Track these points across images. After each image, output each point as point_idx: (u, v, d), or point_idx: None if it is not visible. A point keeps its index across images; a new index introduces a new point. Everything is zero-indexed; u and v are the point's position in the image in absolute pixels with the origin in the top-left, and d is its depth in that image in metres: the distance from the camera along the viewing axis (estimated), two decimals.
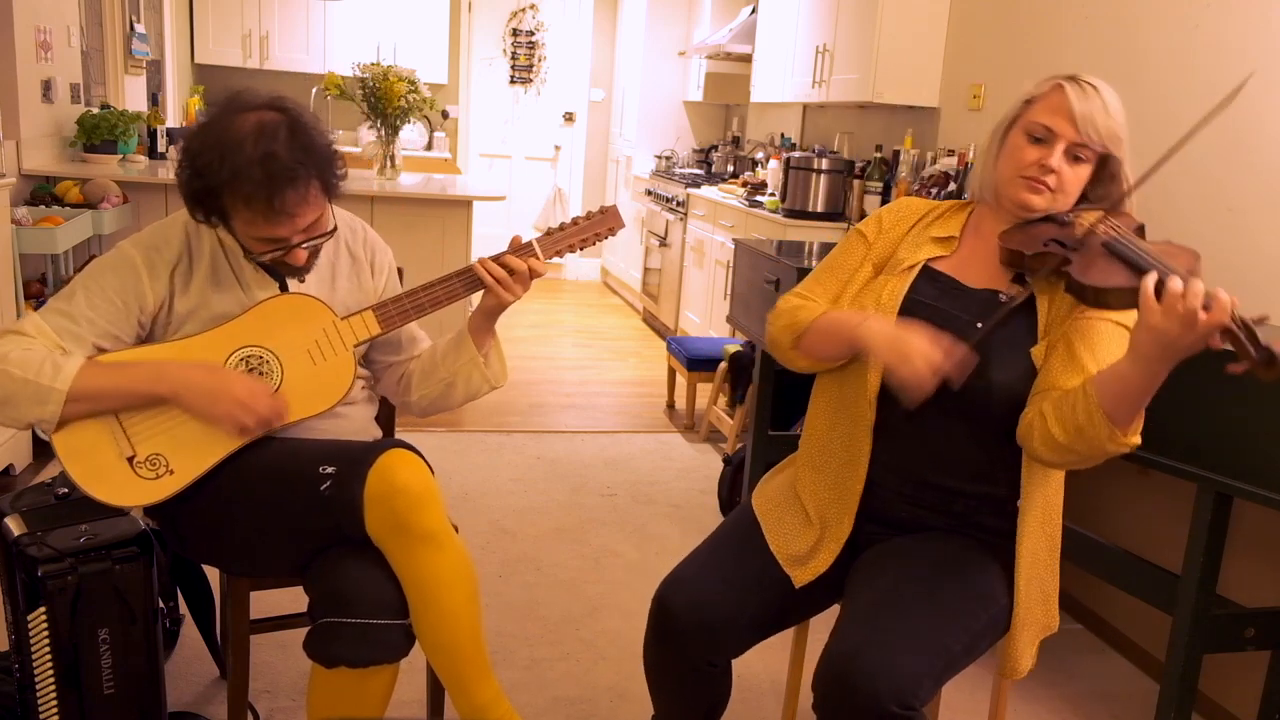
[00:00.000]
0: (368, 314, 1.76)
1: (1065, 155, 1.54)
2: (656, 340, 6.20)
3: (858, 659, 1.40)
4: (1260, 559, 2.33)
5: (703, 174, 6.42)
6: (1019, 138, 1.57)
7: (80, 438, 1.65)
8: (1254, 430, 1.81)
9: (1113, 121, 1.54)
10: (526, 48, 8.03)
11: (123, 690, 1.75)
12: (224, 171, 1.59)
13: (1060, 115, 1.53)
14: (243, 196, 1.60)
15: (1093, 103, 1.53)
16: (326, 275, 1.85)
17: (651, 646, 1.69)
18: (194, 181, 1.64)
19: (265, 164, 1.58)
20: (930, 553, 1.58)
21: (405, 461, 1.65)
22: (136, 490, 1.66)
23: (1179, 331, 1.29)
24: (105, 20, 5.07)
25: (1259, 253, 2.37)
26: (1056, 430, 1.45)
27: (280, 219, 1.63)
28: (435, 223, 4.33)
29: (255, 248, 1.68)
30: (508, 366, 1.96)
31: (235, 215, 1.64)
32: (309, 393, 1.73)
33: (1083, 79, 1.56)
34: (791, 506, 1.72)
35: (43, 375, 1.58)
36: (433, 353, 1.93)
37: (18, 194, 3.73)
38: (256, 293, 1.76)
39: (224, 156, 1.59)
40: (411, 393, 1.94)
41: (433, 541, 1.65)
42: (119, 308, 1.68)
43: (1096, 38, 2.99)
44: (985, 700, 2.39)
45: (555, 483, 3.64)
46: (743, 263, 3.28)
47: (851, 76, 4.28)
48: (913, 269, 1.63)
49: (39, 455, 3.42)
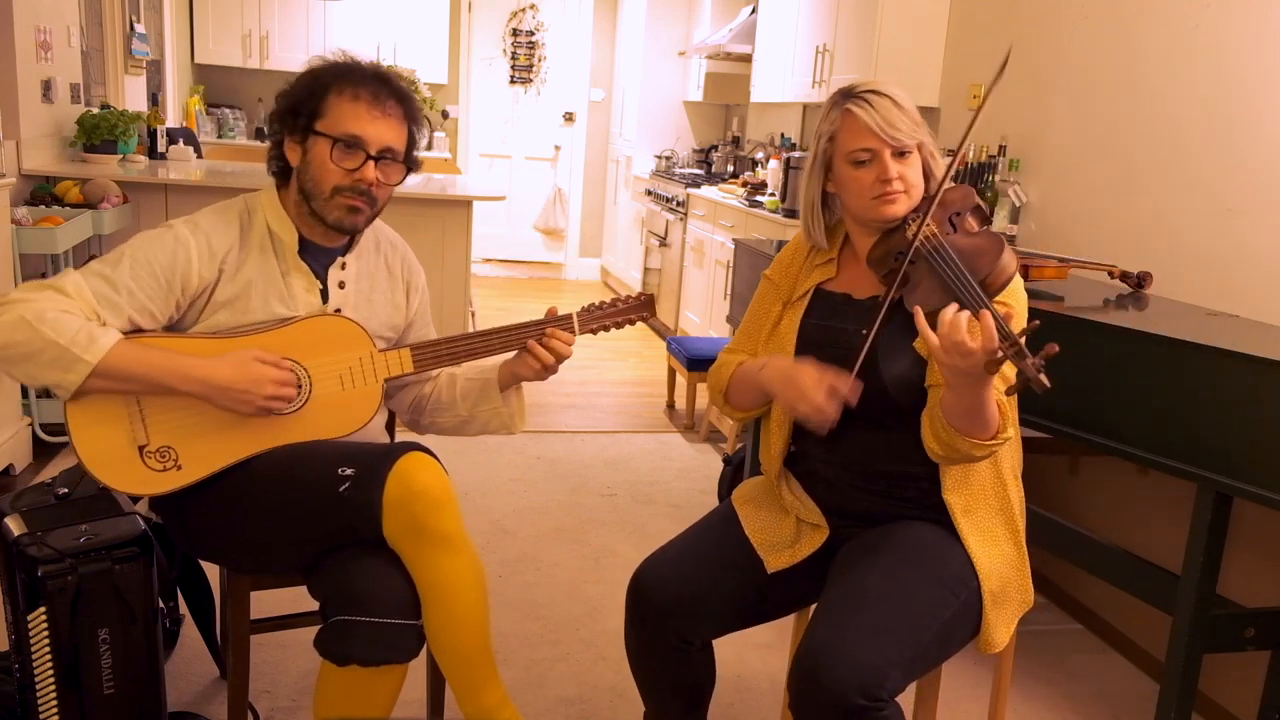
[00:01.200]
0: (405, 353, 1.78)
1: (893, 156, 1.60)
2: (656, 340, 6.20)
3: (822, 655, 1.43)
4: (1260, 559, 2.33)
5: (703, 174, 6.42)
6: (846, 169, 1.62)
7: (96, 413, 1.64)
8: (1254, 430, 1.81)
9: (906, 112, 1.60)
10: (526, 48, 8.03)
11: (123, 690, 1.75)
12: (339, 68, 1.72)
13: (864, 134, 1.59)
14: (350, 86, 1.70)
15: (882, 108, 1.58)
16: (365, 288, 1.86)
17: (629, 630, 1.74)
18: (298, 89, 1.73)
19: (378, 71, 1.75)
20: (898, 544, 1.60)
21: (424, 465, 1.66)
22: (140, 479, 1.66)
23: (958, 361, 1.37)
24: (105, 20, 5.07)
25: (1258, 253, 2.37)
26: (931, 444, 1.56)
27: (376, 113, 1.70)
28: (435, 223, 4.33)
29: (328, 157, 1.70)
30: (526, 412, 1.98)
31: (331, 110, 1.70)
32: (331, 416, 1.74)
33: (860, 90, 1.61)
34: (769, 498, 1.78)
35: (75, 343, 1.55)
36: (452, 386, 1.94)
37: (18, 194, 3.73)
38: (299, 294, 1.76)
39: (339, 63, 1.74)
40: (424, 417, 1.96)
41: (449, 544, 1.66)
42: (162, 285, 1.67)
43: (1096, 38, 2.99)
44: (985, 700, 2.39)
45: (555, 483, 3.64)
46: (743, 263, 3.28)
47: (851, 76, 4.27)
48: (805, 296, 1.74)
49: (39, 455, 3.42)
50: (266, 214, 1.77)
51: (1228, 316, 2.32)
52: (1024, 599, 1.68)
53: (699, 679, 1.77)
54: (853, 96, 1.61)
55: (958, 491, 1.63)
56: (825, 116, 1.65)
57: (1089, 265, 2.56)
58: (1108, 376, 2.06)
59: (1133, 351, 2.01)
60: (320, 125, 1.70)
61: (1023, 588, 1.67)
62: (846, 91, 1.63)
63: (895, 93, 1.61)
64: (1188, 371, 1.92)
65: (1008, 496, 1.65)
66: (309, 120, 1.71)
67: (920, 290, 1.52)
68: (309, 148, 1.72)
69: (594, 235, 8.27)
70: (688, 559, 1.72)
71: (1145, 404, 1.99)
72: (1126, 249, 2.81)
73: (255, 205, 1.79)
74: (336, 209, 1.73)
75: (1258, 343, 1.99)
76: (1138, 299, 2.49)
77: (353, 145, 1.70)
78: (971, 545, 1.61)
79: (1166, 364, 1.95)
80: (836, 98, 1.64)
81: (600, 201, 8.22)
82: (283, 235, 1.77)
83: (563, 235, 8.34)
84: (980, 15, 3.75)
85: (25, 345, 1.54)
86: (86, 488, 1.87)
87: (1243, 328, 2.19)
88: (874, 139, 1.58)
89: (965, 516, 1.62)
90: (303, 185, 1.73)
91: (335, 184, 1.71)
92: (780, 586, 1.71)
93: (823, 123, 1.65)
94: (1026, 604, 1.68)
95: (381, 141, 1.72)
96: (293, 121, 1.72)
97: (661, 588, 1.68)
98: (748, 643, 2.56)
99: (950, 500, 1.62)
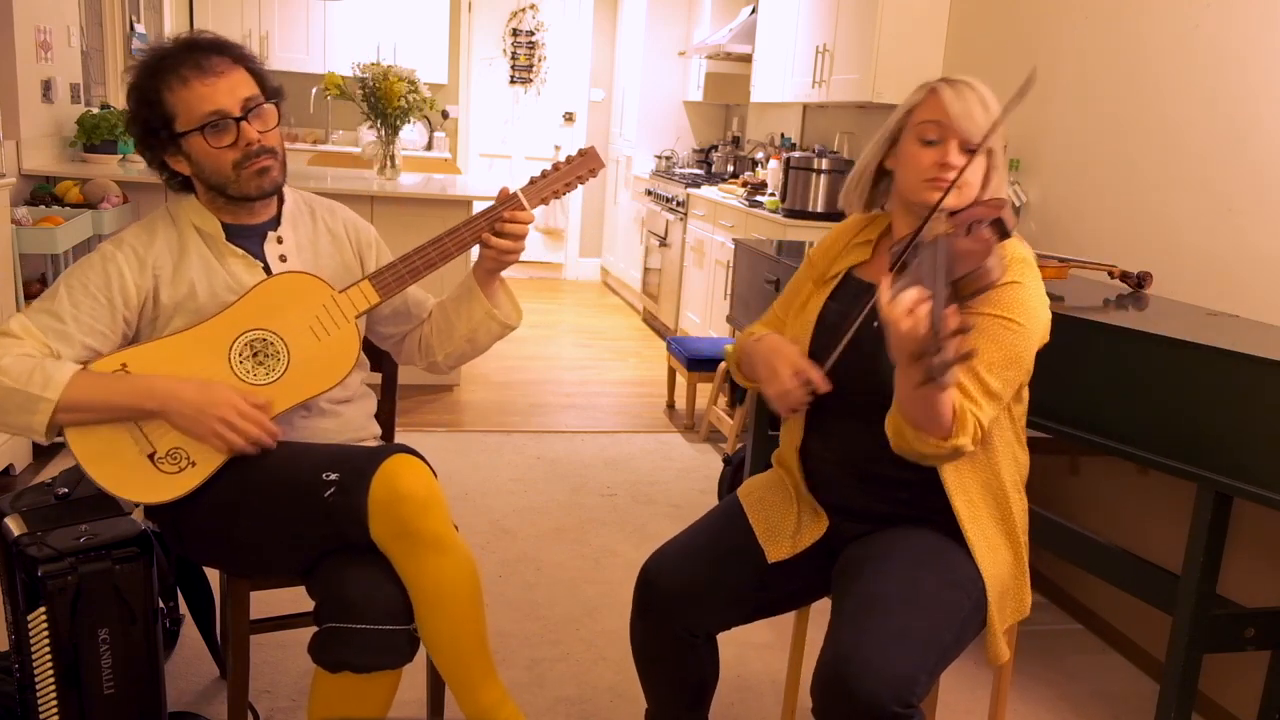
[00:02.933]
0: (365, 284, 1.77)
1: (960, 151, 1.57)
2: (656, 340, 6.20)
3: (852, 662, 1.41)
4: (1260, 559, 2.33)
5: (703, 174, 6.42)
6: (912, 145, 1.61)
7: (99, 441, 1.65)
8: (1254, 430, 1.81)
9: (990, 115, 1.57)
10: (526, 48, 8.03)
11: (123, 690, 1.75)
12: (151, 66, 1.69)
13: (940, 113, 1.57)
14: (172, 73, 1.67)
15: (969, 101, 1.56)
16: (307, 255, 1.86)
17: (635, 623, 1.75)
18: (137, 110, 1.71)
19: (187, 44, 1.70)
20: (905, 550, 1.60)
21: (409, 467, 1.66)
22: (162, 485, 1.67)
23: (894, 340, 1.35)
24: (105, 20, 5.07)
25: (1258, 253, 2.37)
26: (888, 428, 1.52)
27: (210, 79, 1.67)
28: (435, 223, 4.33)
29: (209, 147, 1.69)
30: (520, 307, 1.96)
31: (176, 105, 1.68)
32: (317, 370, 1.74)
33: (956, 78, 1.59)
34: (774, 491, 1.79)
35: (32, 384, 1.58)
36: (444, 311, 1.93)
37: (18, 194, 3.73)
38: (243, 278, 1.77)
39: (148, 62, 1.70)
40: (435, 353, 1.95)
41: (437, 546, 1.65)
42: (102, 304, 1.68)
43: (1096, 38, 2.99)
44: (985, 700, 2.39)
45: (555, 483, 3.64)
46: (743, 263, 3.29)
47: (851, 76, 4.28)
48: (833, 279, 1.73)
49: (39, 455, 3.42)
50: (189, 215, 1.79)
51: (1228, 316, 2.32)
52: (1019, 608, 1.68)
53: (703, 674, 1.77)
54: (946, 80, 1.59)
55: (959, 498, 1.62)
56: (914, 92, 1.63)
57: (1089, 265, 2.56)
58: (1108, 376, 2.06)
59: (1133, 351, 2.01)
60: (179, 126, 1.70)
61: (1019, 597, 1.67)
62: (943, 78, 1.61)
63: (986, 94, 1.59)
64: (1188, 371, 1.92)
65: (1009, 507, 1.64)
66: (167, 129, 1.71)
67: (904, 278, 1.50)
68: (188, 151, 1.72)
69: (594, 235, 8.27)
70: (694, 551, 1.73)
71: (1145, 404, 1.99)
72: (1126, 249, 2.81)
73: (177, 211, 1.80)
74: (249, 181, 1.73)
75: (1258, 343, 1.99)
76: (1138, 299, 2.49)
77: (217, 123, 1.69)
78: (976, 548, 1.61)
79: (1166, 364, 1.95)
80: (929, 82, 1.62)
81: (600, 201, 8.22)
82: (206, 228, 1.78)
83: (563, 235, 8.34)
84: (980, 15, 3.75)
85: None
86: (86, 488, 1.86)
87: (1243, 328, 2.19)
88: (948, 120, 1.56)
89: (971, 524, 1.62)
90: (209, 182, 1.75)
91: (231, 161, 1.71)
92: (781, 578, 1.72)
93: (907, 100, 1.64)
94: (1022, 613, 1.68)
95: (236, 99, 1.70)
96: (155, 140, 1.73)
97: (669, 578, 1.69)
98: (748, 643, 2.56)
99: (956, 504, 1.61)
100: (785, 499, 1.77)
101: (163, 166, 1.77)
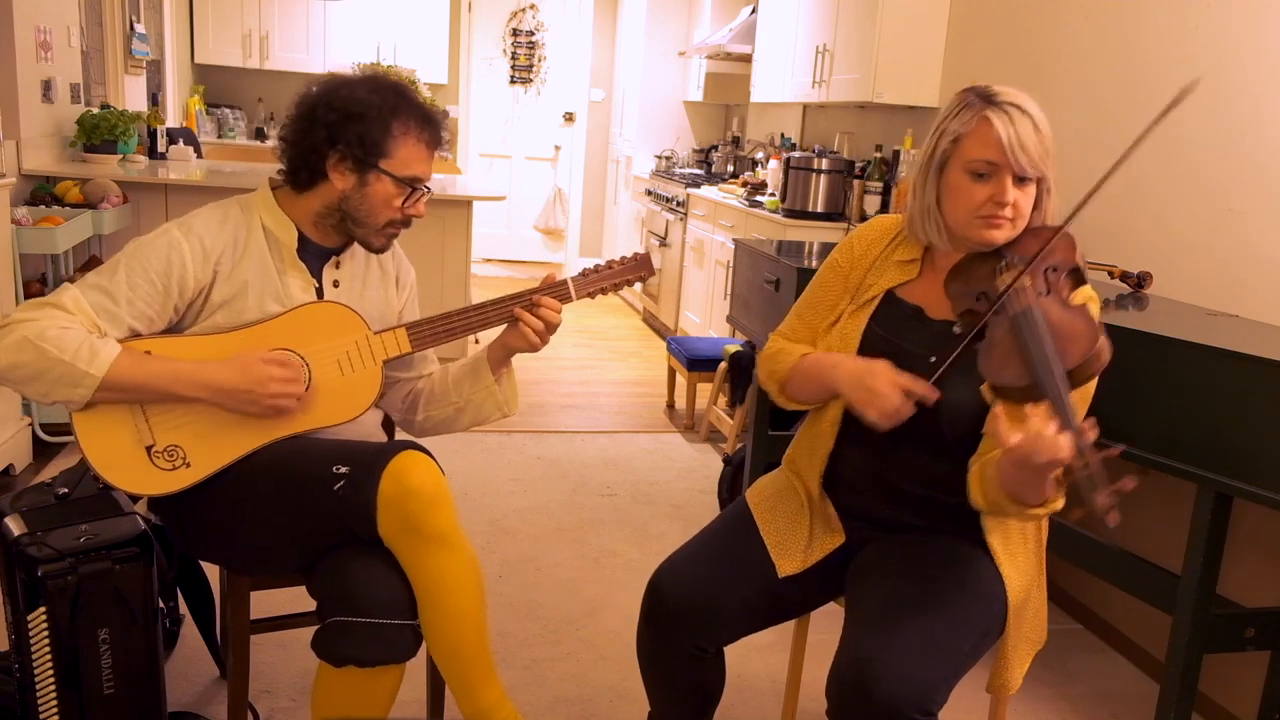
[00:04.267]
0: (400, 331, 1.78)
1: (1014, 184, 1.50)
2: (656, 340, 6.20)
3: (873, 666, 1.39)
4: (1260, 559, 2.33)
5: (703, 174, 6.42)
6: (960, 178, 1.52)
7: (101, 419, 1.65)
8: (1254, 430, 1.81)
9: (1044, 138, 1.50)
10: (526, 48, 8.03)
11: (123, 690, 1.75)
12: (395, 102, 1.72)
13: (995, 147, 1.48)
14: (415, 127, 1.74)
15: (1022, 127, 1.48)
16: (357, 286, 1.86)
17: (644, 632, 1.71)
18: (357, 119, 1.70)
19: (426, 112, 1.78)
20: (930, 554, 1.59)
21: (418, 463, 1.66)
22: (151, 479, 1.67)
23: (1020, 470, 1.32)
24: (105, 20, 5.07)
25: (1258, 253, 2.37)
26: (976, 496, 1.51)
27: (431, 154, 1.79)
28: (435, 223, 4.33)
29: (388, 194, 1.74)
30: (518, 393, 1.97)
31: (398, 150, 1.73)
32: (333, 402, 1.74)
33: (1002, 100, 1.50)
34: (785, 499, 1.75)
35: (79, 358, 1.57)
36: (444, 376, 1.94)
37: (18, 194, 3.73)
38: (295, 293, 1.76)
39: (381, 93, 1.72)
40: (418, 412, 1.95)
41: (444, 543, 1.66)
42: (159, 290, 1.67)
43: (1096, 38, 2.99)
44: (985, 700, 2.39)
45: (555, 483, 3.64)
46: (743, 263, 3.28)
47: (851, 76, 4.28)
48: (874, 300, 1.65)
49: (39, 455, 3.41)
50: (262, 214, 1.77)
51: (1228, 316, 2.32)
52: (1037, 636, 1.66)
53: (710, 686, 1.75)
54: (995, 104, 1.49)
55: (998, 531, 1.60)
56: (955, 115, 1.52)
57: (1089, 265, 2.56)
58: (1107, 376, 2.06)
59: (1133, 351, 2.01)
60: (386, 165, 1.72)
61: (1037, 624, 1.66)
62: (987, 96, 1.50)
63: (1036, 113, 1.50)
64: (1188, 371, 1.91)
65: (1040, 531, 1.65)
66: (373, 156, 1.71)
67: (997, 353, 1.40)
68: (368, 182, 1.73)
69: (594, 235, 8.27)
70: (705, 563, 1.68)
71: (1145, 404, 1.99)
72: (1126, 249, 2.81)
73: (250, 205, 1.78)
74: (384, 237, 1.79)
75: (1258, 343, 1.99)
76: (1138, 299, 2.49)
77: (415, 187, 1.76)
78: (1001, 560, 1.59)
79: (1166, 364, 1.95)
80: (973, 98, 1.51)
81: (600, 201, 8.23)
82: (280, 235, 1.77)
83: (563, 235, 8.34)
84: (980, 15, 3.75)
85: (32, 365, 1.56)
86: (86, 488, 1.87)
87: (1243, 328, 2.19)
88: (1003, 156, 1.47)
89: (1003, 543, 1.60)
90: (352, 213, 1.75)
91: (388, 218, 1.76)
92: (793, 590, 1.69)
93: (951, 120, 1.52)
94: (1039, 643, 1.67)
95: (430, 177, 1.80)
96: (349, 150, 1.71)
97: (679, 592, 1.64)
98: (748, 643, 2.55)
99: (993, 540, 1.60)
100: (797, 508, 1.73)
101: (316, 162, 1.73)
